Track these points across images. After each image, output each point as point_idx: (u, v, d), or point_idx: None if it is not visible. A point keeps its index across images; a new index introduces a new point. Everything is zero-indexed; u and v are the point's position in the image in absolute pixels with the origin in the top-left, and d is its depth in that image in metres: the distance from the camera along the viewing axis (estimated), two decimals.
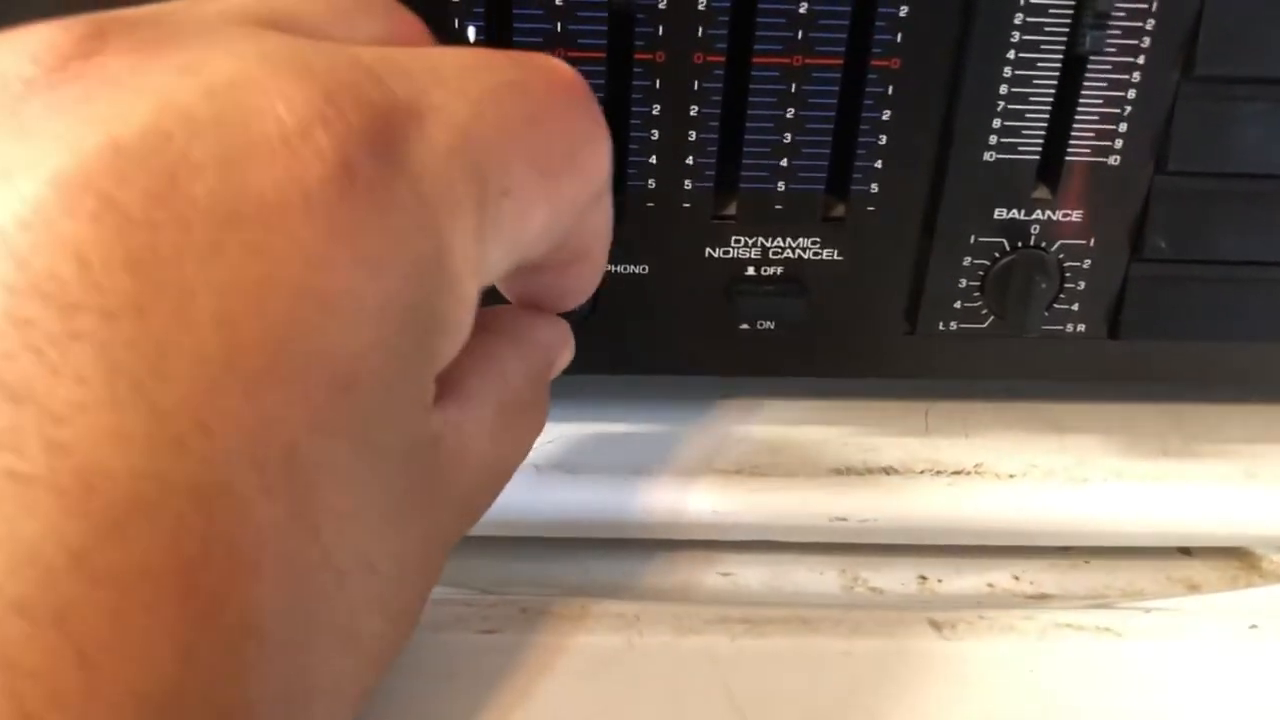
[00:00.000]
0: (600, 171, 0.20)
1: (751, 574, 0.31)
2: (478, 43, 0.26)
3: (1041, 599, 0.30)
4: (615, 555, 0.30)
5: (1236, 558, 0.32)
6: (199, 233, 0.14)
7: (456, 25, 0.25)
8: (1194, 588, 0.31)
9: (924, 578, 0.31)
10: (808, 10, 0.26)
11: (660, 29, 0.26)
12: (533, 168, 0.18)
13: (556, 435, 0.31)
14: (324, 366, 0.15)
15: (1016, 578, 0.31)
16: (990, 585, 0.31)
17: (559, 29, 0.26)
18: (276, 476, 0.14)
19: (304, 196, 0.15)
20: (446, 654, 0.23)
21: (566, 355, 0.24)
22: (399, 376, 0.16)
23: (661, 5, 0.26)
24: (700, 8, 0.26)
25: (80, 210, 0.13)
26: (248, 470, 0.14)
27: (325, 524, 0.15)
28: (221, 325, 0.14)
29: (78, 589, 0.12)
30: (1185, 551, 0.32)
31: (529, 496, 0.29)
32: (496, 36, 0.26)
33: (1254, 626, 0.25)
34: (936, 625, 0.25)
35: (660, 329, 0.30)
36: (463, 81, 0.17)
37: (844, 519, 0.29)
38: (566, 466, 0.30)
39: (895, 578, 0.31)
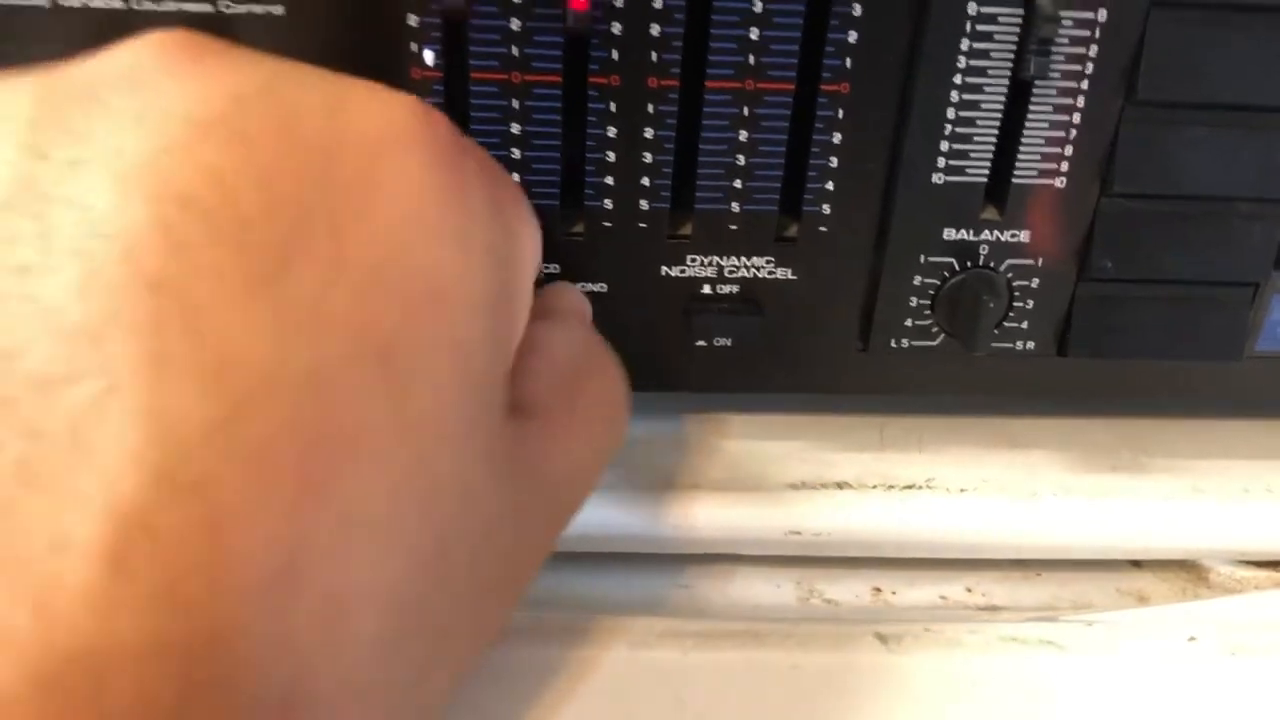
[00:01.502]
0: None
1: (710, 586, 0.31)
2: (436, 66, 0.26)
3: (992, 610, 0.31)
4: (574, 569, 0.31)
5: (1185, 570, 0.33)
6: (315, 161, 0.17)
7: (415, 49, 0.26)
8: (1143, 599, 0.32)
9: (878, 590, 0.31)
10: (759, 36, 0.26)
11: (615, 53, 0.26)
12: None
13: None
14: (422, 279, 0.17)
15: (969, 590, 0.32)
16: (943, 597, 0.31)
17: (515, 53, 0.26)
18: (374, 375, 0.16)
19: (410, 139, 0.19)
20: None
21: (588, 306, 0.27)
22: (486, 308, 0.19)
23: (616, 30, 0.26)
24: (654, 33, 0.26)
25: (215, 138, 0.16)
26: (351, 366, 0.16)
27: (418, 430, 0.17)
28: (333, 236, 0.16)
29: (212, 461, 0.14)
30: (1135, 564, 0.33)
31: None
32: (453, 60, 0.26)
33: (1192, 639, 0.26)
34: (883, 639, 0.25)
35: (618, 346, 0.30)
36: None
37: (799, 533, 0.30)
38: None
39: (850, 590, 0.31)
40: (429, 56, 0.26)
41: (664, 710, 0.24)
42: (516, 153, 0.27)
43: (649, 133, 0.27)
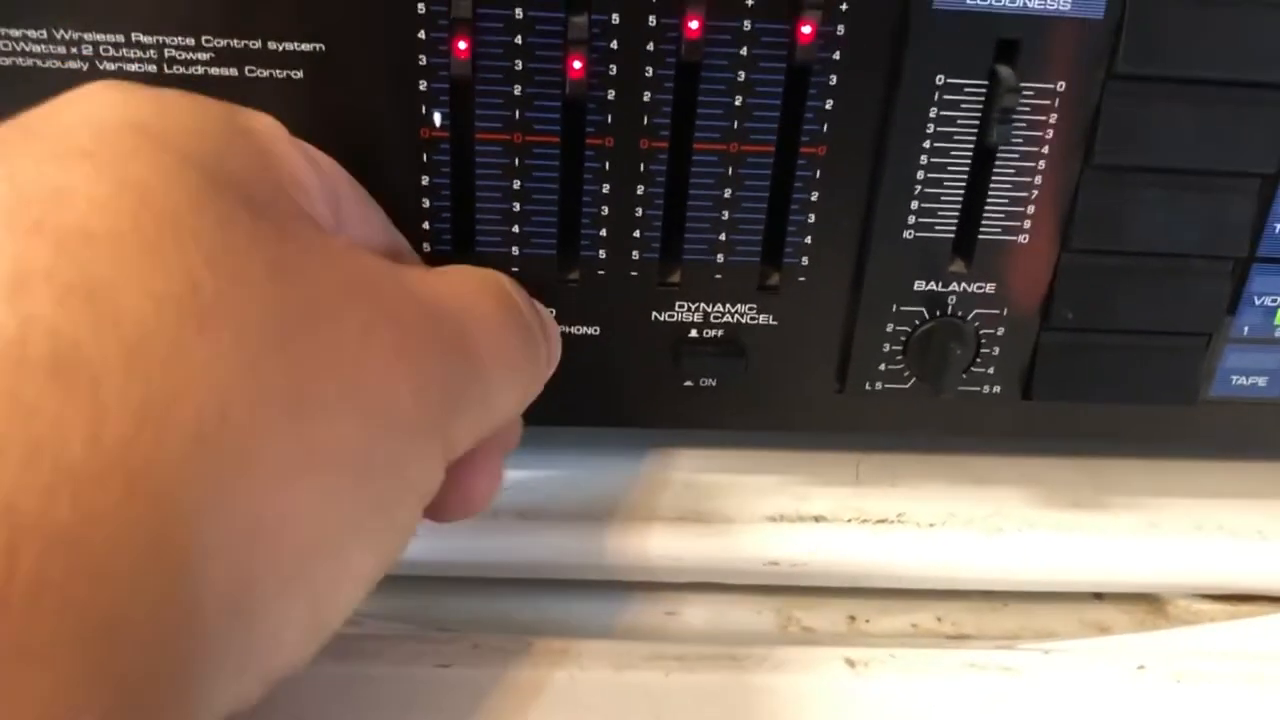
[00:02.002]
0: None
1: (694, 613, 0.33)
2: (443, 127, 0.28)
3: (960, 639, 0.33)
4: (565, 595, 0.32)
5: (1145, 602, 0.35)
6: None
7: (424, 111, 0.28)
8: (1105, 630, 0.34)
9: (853, 618, 0.33)
10: (743, 103, 0.28)
11: (609, 117, 0.29)
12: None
13: (512, 482, 0.33)
14: None
15: (939, 619, 0.34)
16: (914, 625, 0.33)
17: (517, 116, 0.28)
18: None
19: None
20: (403, 687, 0.26)
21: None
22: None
23: (610, 96, 0.28)
24: (645, 99, 0.28)
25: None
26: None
27: None
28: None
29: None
30: (1097, 596, 0.35)
31: (484, 540, 0.31)
32: (459, 122, 0.28)
33: (1141, 667, 0.28)
34: (851, 663, 0.27)
35: (611, 385, 0.32)
36: None
37: (777, 563, 0.32)
38: (520, 512, 0.32)
39: (826, 618, 0.33)
40: (437, 118, 0.28)
41: None
42: (517, 206, 0.29)
43: (640, 189, 0.30)
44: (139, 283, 0.16)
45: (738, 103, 0.28)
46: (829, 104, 0.29)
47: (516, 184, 0.29)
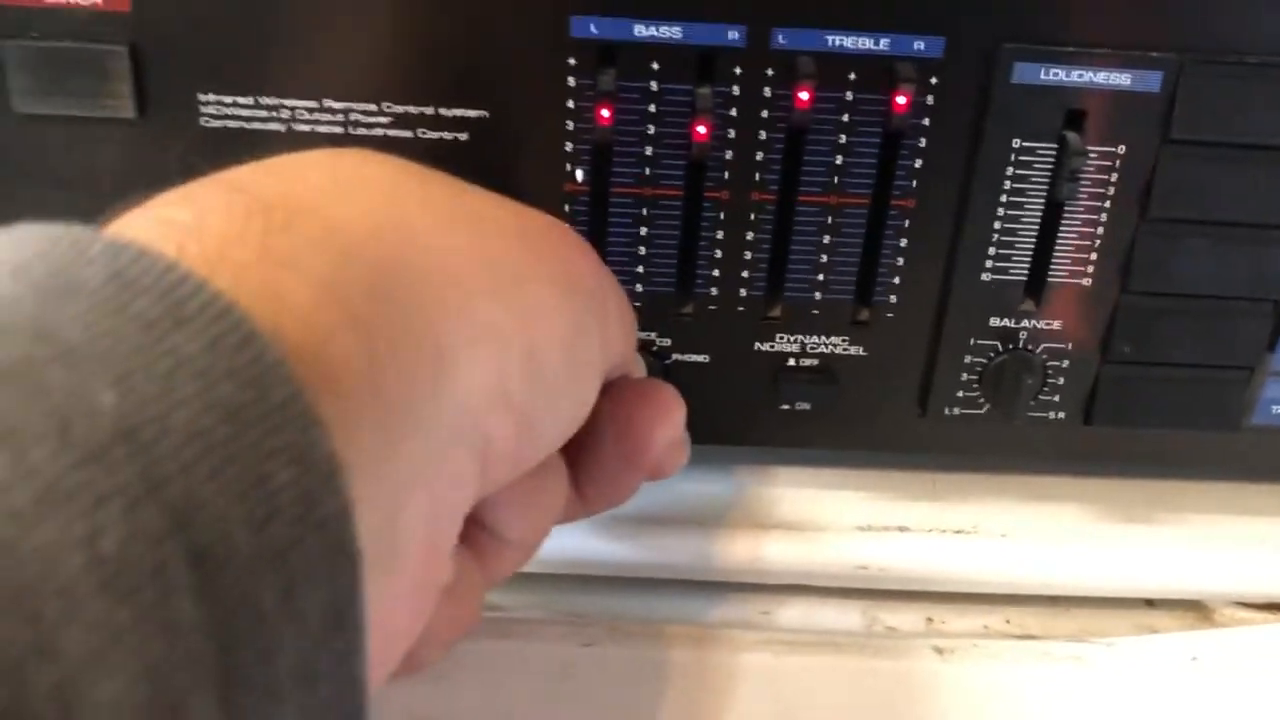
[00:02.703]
0: None
1: (786, 613, 0.37)
2: (584, 182, 0.33)
3: (1027, 638, 0.36)
4: (670, 594, 0.36)
5: (1193, 609, 0.38)
6: None
7: (568, 169, 0.33)
8: (1155, 633, 0.37)
9: (930, 619, 0.37)
10: (842, 162, 0.33)
11: (726, 174, 0.33)
12: None
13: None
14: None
15: (1008, 621, 0.37)
16: (986, 626, 0.37)
17: (647, 173, 0.33)
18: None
19: None
20: (553, 662, 0.30)
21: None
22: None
23: (728, 156, 0.33)
24: (758, 159, 0.33)
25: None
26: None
27: None
28: None
29: None
30: (1149, 603, 0.38)
31: (606, 543, 0.35)
32: (598, 177, 0.33)
33: (1194, 659, 0.31)
34: (939, 651, 0.31)
35: (717, 406, 0.37)
36: None
37: (865, 567, 0.36)
38: (634, 519, 0.36)
39: (907, 619, 0.37)
40: (579, 175, 0.33)
41: (761, 702, 0.29)
42: (643, 250, 0.34)
43: (750, 235, 0.34)
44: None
45: (838, 162, 0.33)
46: (918, 163, 0.33)
47: (643, 230, 0.34)
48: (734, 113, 0.32)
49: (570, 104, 0.32)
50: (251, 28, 0.31)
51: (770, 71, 0.32)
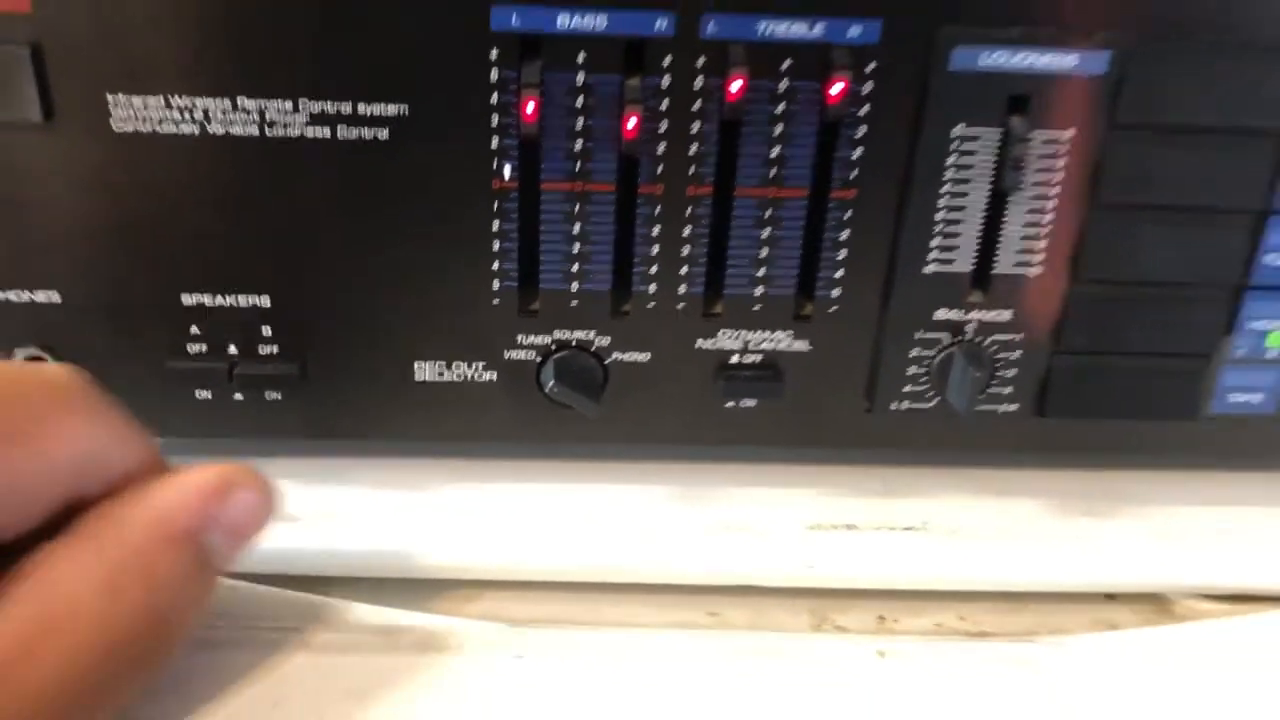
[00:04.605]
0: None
1: (736, 614, 0.36)
2: (512, 179, 0.32)
3: (982, 636, 0.36)
4: (617, 599, 0.36)
5: (1152, 602, 0.37)
6: None
7: (496, 165, 0.31)
8: (1114, 627, 0.37)
9: (882, 618, 0.36)
10: (779, 153, 0.32)
11: (659, 168, 0.32)
12: None
13: (571, 493, 0.36)
14: None
15: (962, 618, 0.36)
16: (938, 625, 0.36)
17: (578, 168, 0.32)
18: None
19: None
20: (483, 676, 0.29)
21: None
22: None
23: (660, 150, 0.32)
24: (691, 152, 0.32)
25: None
26: None
27: None
28: None
29: None
30: (1108, 597, 0.38)
31: (545, 549, 0.34)
32: (527, 174, 0.32)
33: (1148, 658, 0.31)
34: (882, 654, 0.30)
35: (660, 406, 0.36)
36: None
37: (813, 566, 0.35)
38: (576, 523, 0.35)
39: (857, 618, 0.36)
40: (507, 171, 0.32)
41: (708, 705, 0.29)
42: (578, 247, 0.33)
43: (687, 230, 0.33)
44: None
45: (775, 153, 0.32)
46: (857, 153, 0.32)
47: (577, 228, 0.32)
48: (665, 105, 0.31)
49: (494, 99, 0.31)
50: (159, 25, 0.29)
51: (701, 61, 0.30)
